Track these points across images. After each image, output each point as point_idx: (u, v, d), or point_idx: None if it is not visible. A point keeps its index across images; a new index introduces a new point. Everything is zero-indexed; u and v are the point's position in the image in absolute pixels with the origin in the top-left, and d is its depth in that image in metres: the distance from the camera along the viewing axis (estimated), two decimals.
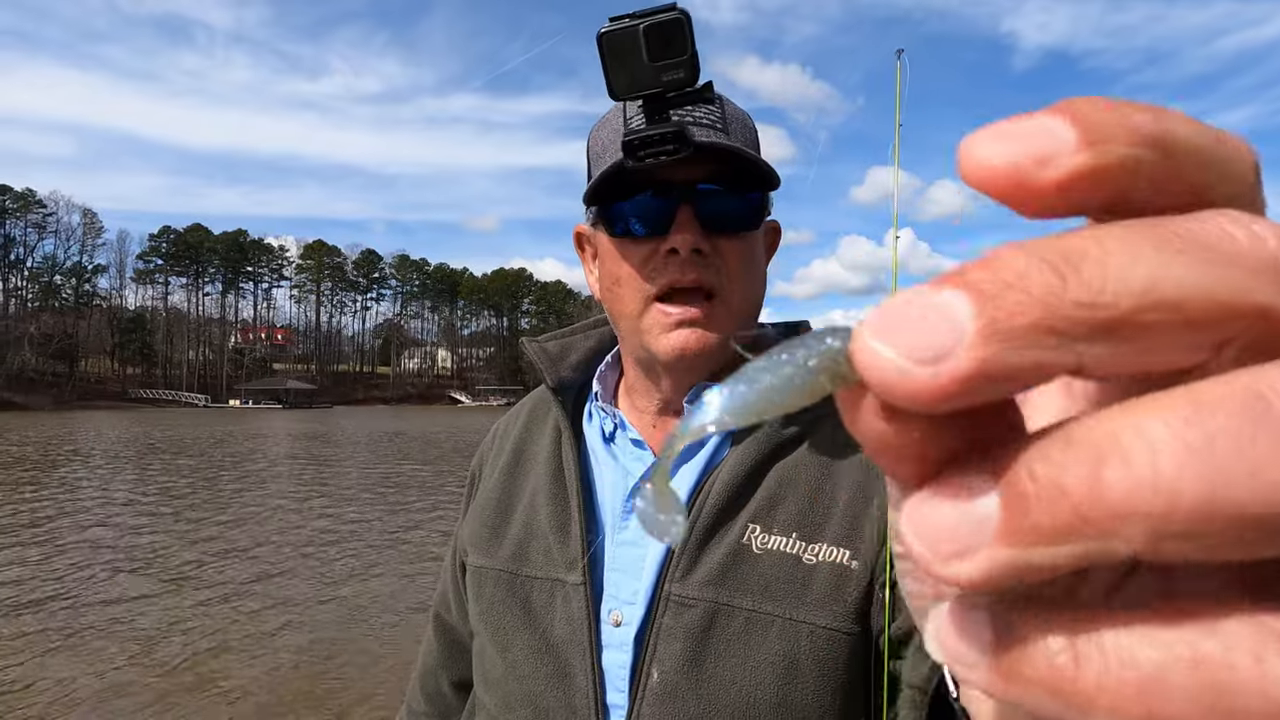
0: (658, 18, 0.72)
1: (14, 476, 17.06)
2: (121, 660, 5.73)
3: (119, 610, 7.07)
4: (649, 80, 0.74)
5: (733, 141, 0.82)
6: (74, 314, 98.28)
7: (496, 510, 0.94)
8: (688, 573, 0.79)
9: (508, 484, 0.96)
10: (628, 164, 0.77)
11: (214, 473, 18.42)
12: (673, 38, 0.72)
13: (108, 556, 9.29)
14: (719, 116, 0.84)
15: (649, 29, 0.72)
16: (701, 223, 0.81)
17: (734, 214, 0.83)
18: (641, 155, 0.76)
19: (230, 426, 41.39)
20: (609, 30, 0.73)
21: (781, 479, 0.83)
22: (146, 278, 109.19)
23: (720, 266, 0.83)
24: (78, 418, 53.81)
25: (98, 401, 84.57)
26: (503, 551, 0.90)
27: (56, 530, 10.89)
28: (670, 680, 0.77)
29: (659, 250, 0.82)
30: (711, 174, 0.81)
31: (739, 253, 0.84)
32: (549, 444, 0.94)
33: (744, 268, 0.85)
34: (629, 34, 0.72)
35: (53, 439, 30.09)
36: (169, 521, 11.60)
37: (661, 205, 0.81)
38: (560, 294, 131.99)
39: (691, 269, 0.81)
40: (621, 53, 0.73)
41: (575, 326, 1.03)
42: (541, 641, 0.84)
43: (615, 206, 0.84)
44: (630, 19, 0.73)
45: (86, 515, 12.13)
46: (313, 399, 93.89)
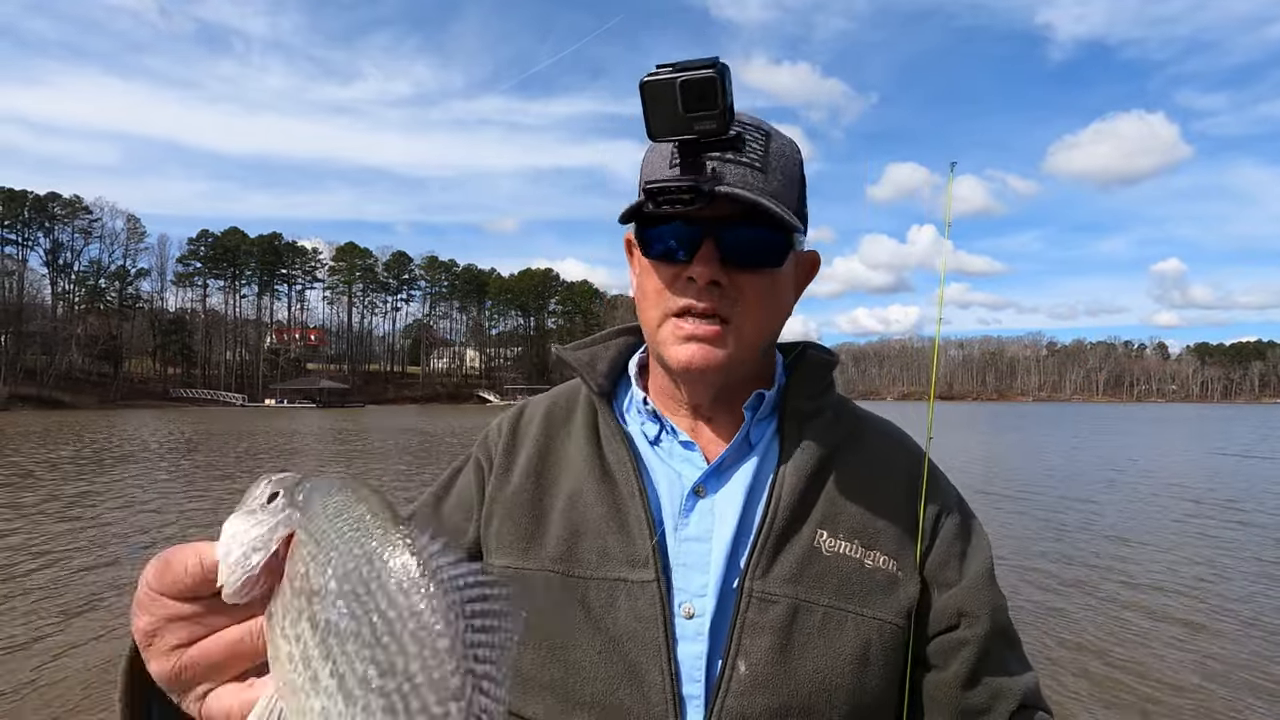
0: (694, 74, 0.76)
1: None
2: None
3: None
4: (683, 127, 0.78)
5: (769, 181, 0.86)
6: (118, 316, 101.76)
7: (529, 512, 0.93)
8: (766, 570, 0.84)
9: (536, 486, 0.95)
10: (647, 208, 0.83)
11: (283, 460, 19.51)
12: (705, 93, 0.76)
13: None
14: (759, 155, 0.86)
15: (684, 84, 0.76)
16: (722, 256, 0.85)
17: (754, 251, 0.87)
18: (660, 202, 0.81)
19: (269, 423, 42.87)
20: (649, 80, 0.77)
21: (841, 485, 0.91)
22: (186, 280, 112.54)
23: (736, 299, 0.87)
24: (128, 415, 55.84)
25: (141, 400, 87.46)
26: (545, 553, 0.90)
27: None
28: (759, 672, 0.81)
29: (681, 276, 0.87)
30: (738, 211, 0.84)
31: (757, 288, 0.88)
32: (585, 445, 0.95)
33: (761, 302, 0.89)
34: (666, 85, 0.76)
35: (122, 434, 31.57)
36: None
37: (688, 235, 0.86)
38: (586, 294, 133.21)
39: (707, 298, 0.86)
40: (659, 101, 0.77)
41: (595, 337, 1.06)
42: (607, 640, 0.84)
43: (648, 230, 0.89)
44: (671, 70, 0.77)
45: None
46: (345, 398, 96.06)
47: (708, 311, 0.86)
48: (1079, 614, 7.49)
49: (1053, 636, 6.68)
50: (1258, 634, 6.87)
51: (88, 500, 13.83)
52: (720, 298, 0.86)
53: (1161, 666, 6.09)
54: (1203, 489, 16.96)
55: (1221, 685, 5.67)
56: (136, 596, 0.47)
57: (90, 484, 16.07)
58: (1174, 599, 8.10)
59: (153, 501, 13.84)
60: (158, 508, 13.16)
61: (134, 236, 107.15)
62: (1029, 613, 7.32)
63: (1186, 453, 29.16)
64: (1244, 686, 5.64)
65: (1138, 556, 10.14)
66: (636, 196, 0.88)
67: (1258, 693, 5.52)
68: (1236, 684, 5.69)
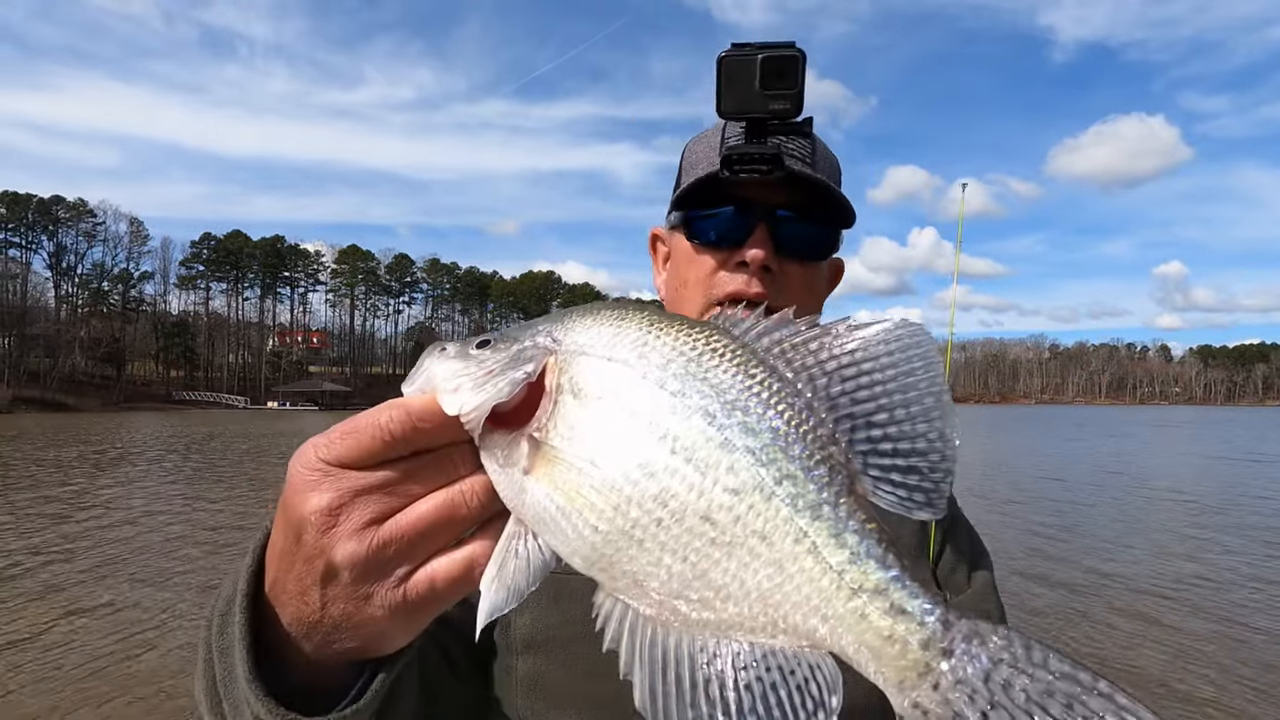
0: (776, 52, 0.78)
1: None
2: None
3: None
4: (756, 105, 0.81)
5: (819, 175, 0.87)
6: (121, 319, 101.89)
7: None
8: None
9: None
10: (723, 174, 0.83)
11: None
12: (785, 72, 0.78)
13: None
14: (809, 152, 0.88)
15: (766, 60, 0.78)
16: (775, 243, 0.86)
17: (806, 241, 0.88)
18: (737, 169, 0.81)
19: (272, 425, 42.99)
20: (729, 55, 0.79)
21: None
22: (189, 283, 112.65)
23: (784, 287, 0.87)
24: (131, 418, 56.01)
25: (143, 403, 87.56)
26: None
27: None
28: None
29: (730, 261, 0.87)
30: (791, 201, 0.86)
31: (804, 278, 0.89)
32: None
33: (806, 293, 0.89)
34: (747, 61, 0.79)
35: (125, 437, 31.68)
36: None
37: (742, 221, 0.86)
38: (588, 297, 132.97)
39: (757, 283, 0.86)
40: (736, 77, 0.79)
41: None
42: None
43: (698, 214, 0.89)
44: (751, 48, 0.79)
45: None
46: (347, 401, 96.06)
47: (759, 298, 0.85)
48: (1057, 615, 7.55)
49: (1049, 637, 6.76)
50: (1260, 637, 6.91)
51: (89, 501, 13.93)
52: (770, 285, 0.86)
53: (1154, 666, 6.15)
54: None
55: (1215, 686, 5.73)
56: (294, 482, 0.44)
57: (103, 481, 16.17)
58: (1172, 599, 8.16)
59: (154, 501, 13.94)
60: (160, 507, 13.25)
61: (137, 239, 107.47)
62: (1019, 620, 7.39)
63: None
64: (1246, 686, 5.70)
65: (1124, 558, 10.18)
66: (676, 190, 0.88)
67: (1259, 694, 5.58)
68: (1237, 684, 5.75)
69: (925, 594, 0.40)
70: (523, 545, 0.43)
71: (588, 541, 0.42)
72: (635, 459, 0.41)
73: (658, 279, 1.02)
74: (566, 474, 0.42)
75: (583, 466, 0.42)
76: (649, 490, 0.41)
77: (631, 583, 0.42)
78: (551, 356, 0.45)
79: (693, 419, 0.41)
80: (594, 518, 0.42)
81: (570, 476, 0.42)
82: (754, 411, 0.41)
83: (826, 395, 0.42)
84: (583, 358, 0.44)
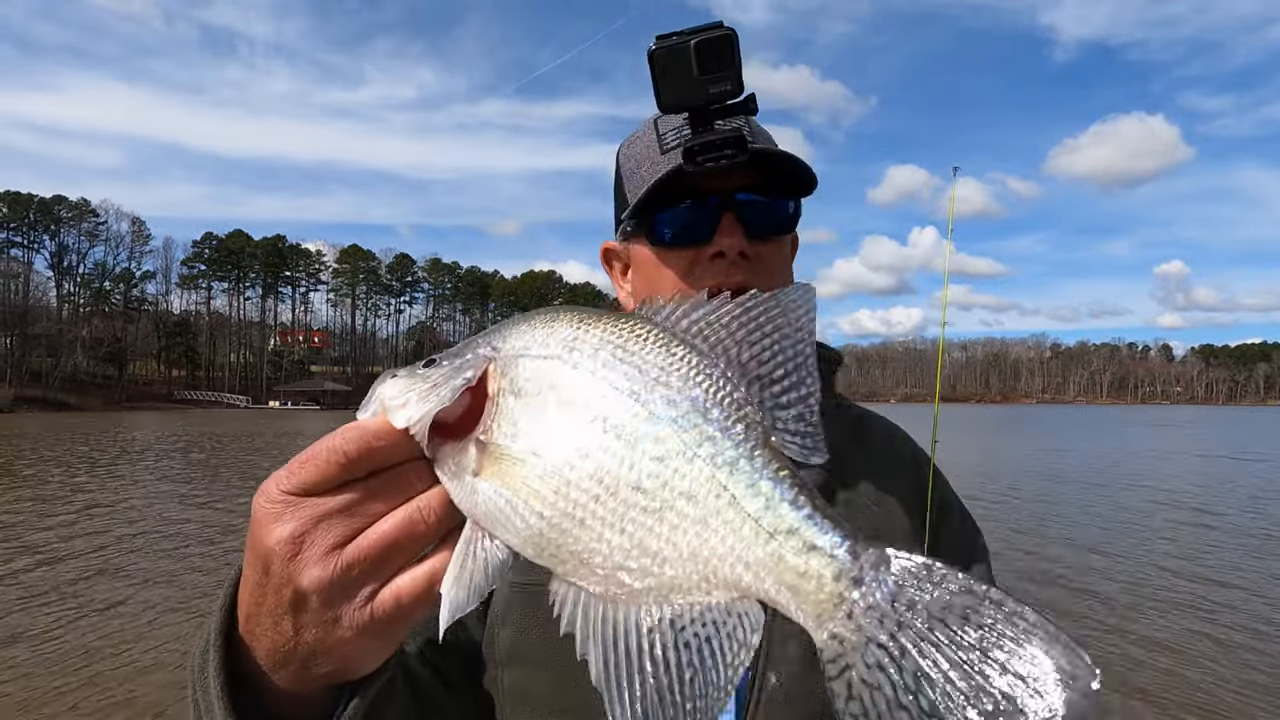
0: (709, 34, 0.76)
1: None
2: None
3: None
4: (696, 94, 0.79)
5: (783, 150, 0.87)
6: (123, 318, 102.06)
7: None
8: None
9: None
10: (688, 168, 0.80)
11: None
12: (722, 52, 0.77)
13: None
14: (749, 131, 0.88)
15: (700, 45, 0.76)
16: (745, 228, 0.85)
17: (774, 219, 0.88)
18: (702, 160, 0.79)
19: (273, 425, 43.00)
20: (660, 48, 0.77)
21: (847, 487, 0.90)
22: (190, 283, 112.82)
23: (761, 269, 0.87)
24: (133, 417, 56.03)
25: (145, 403, 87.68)
26: None
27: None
28: (789, 685, 0.79)
29: (702, 256, 0.86)
30: (749, 183, 0.85)
31: (777, 257, 0.89)
32: None
33: (782, 270, 0.90)
34: (680, 51, 0.77)
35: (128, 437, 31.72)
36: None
37: (704, 213, 0.85)
38: (589, 296, 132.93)
39: (737, 272, 0.85)
40: (672, 68, 0.77)
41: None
42: None
43: (658, 216, 0.88)
44: (679, 36, 0.77)
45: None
46: (348, 400, 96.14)
47: (739, 287, 0.83)
48: (1057, 615, 7.55)
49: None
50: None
51: (90, 500, 13.97)
52: (749, 271, 0.86)
53: (1155, 667, 6.16)
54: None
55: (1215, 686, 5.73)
56: (258, 516, 0.44)
57: (104, 481, 16.21)
58: (1173, 599, 8.16)
59: (154, 501, 13.97)
60: (160, 507, 13.28)
61: (139, 239, 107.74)
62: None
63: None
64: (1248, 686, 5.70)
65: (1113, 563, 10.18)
66: (619, 199, 0.86)
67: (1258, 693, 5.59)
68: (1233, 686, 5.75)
69: (836, 529, 0.42)
70: (479, 546, 0.45)
71: (535, 529, 0.44)
72: (572, 443, 0.44)
73: (620, 293, 1.00)
74: (512, 468, 0.45)
75: (526, 458, 0.45)
76: (585, 470, 0.44)
77: (579, 563, 0.44)
78: (491, 363, 0.47)
79: (620, 399, 0.45)
80: (539, 504, 0.44)
81: (515, 470, 0.45)
82: (674, 386, 0.45)
83: (739, 363, 0.45)
84: (520, 359, 0.47)
